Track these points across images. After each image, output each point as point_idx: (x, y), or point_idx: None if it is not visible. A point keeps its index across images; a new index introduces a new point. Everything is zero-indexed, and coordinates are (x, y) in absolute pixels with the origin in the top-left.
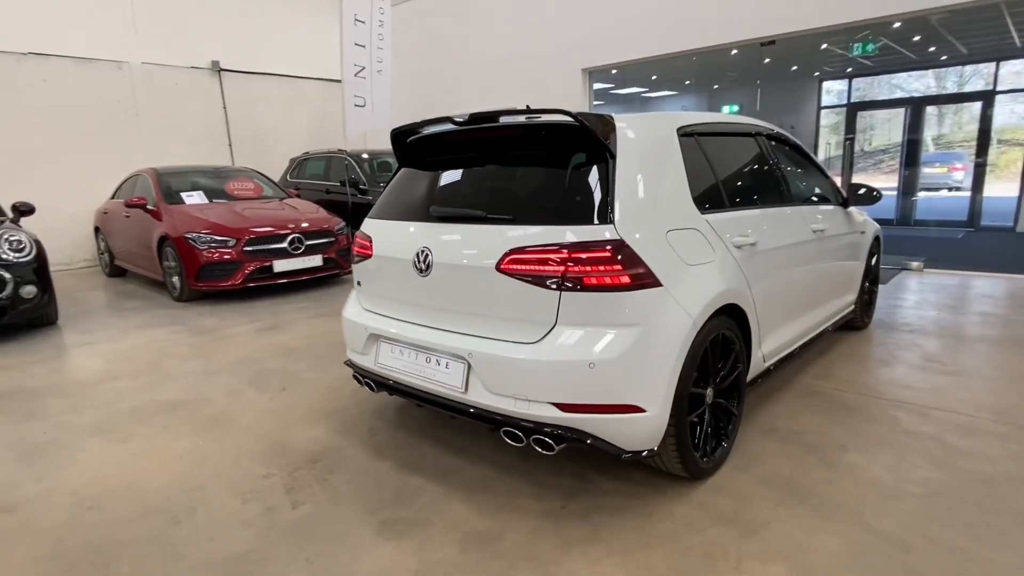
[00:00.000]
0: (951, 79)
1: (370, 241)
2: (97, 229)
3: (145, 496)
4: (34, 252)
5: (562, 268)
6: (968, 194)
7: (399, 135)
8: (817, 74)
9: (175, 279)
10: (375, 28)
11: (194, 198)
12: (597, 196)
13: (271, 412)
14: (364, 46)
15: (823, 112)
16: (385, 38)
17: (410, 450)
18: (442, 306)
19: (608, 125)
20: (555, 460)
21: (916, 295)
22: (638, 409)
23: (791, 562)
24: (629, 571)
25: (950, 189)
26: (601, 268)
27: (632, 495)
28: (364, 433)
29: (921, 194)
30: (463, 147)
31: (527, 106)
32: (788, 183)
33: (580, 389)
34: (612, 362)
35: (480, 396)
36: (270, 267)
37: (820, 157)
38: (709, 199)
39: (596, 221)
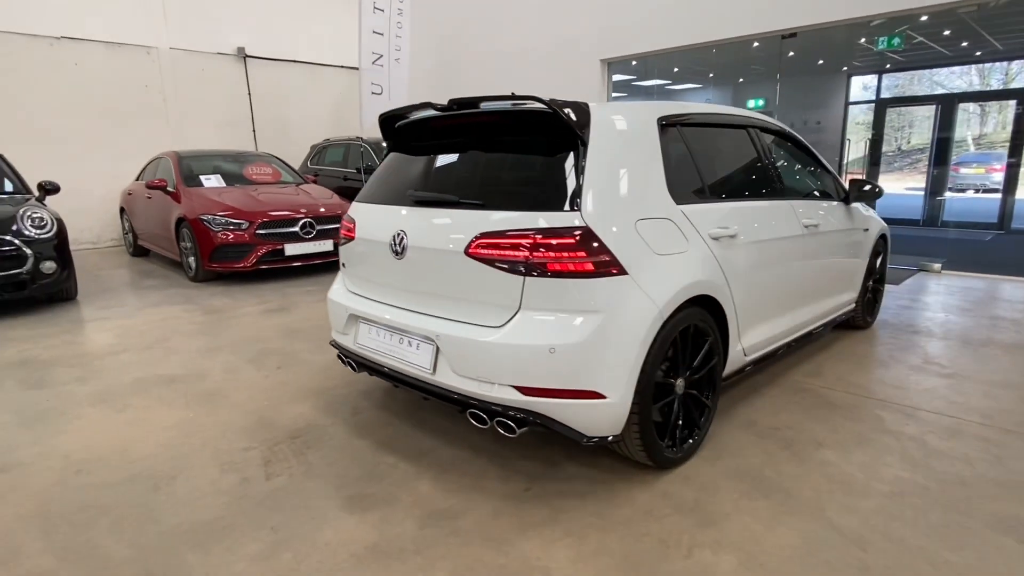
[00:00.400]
0: (996, 76)
1: (354, 224)
2: (122, 210)
3: (132, 463)
4: (55, 229)
5: (527, 254)
6: (999, 195)
7: (386, 120)
8: (845, 69)
9: (191, 260)
10: (394, 16)
11: (212, 181)
12: (566, 183)
13: (264, 389)
14: (382, 34)
15: (856, 109)
16: (404, 27)
17: (390, 429)
18: (415, 288)
19: (583, 114)
20: (527, 444)
21: (929, 296)
22: (598, 395)
23: (743, 553)
24: (581, 554)
25: (978, 190)
26: (565, 255)
27: (597, 481)
28: (348, 412)
29: (949, 195)
30: (445, 133)
31: (511, 93)
32: (780, 177)
33: (540, 373)
34: (572, 348)
35: (447, 378)
36: (281, 250)
37: (849, 155)
38: (688, 190)
39: (563, 208)
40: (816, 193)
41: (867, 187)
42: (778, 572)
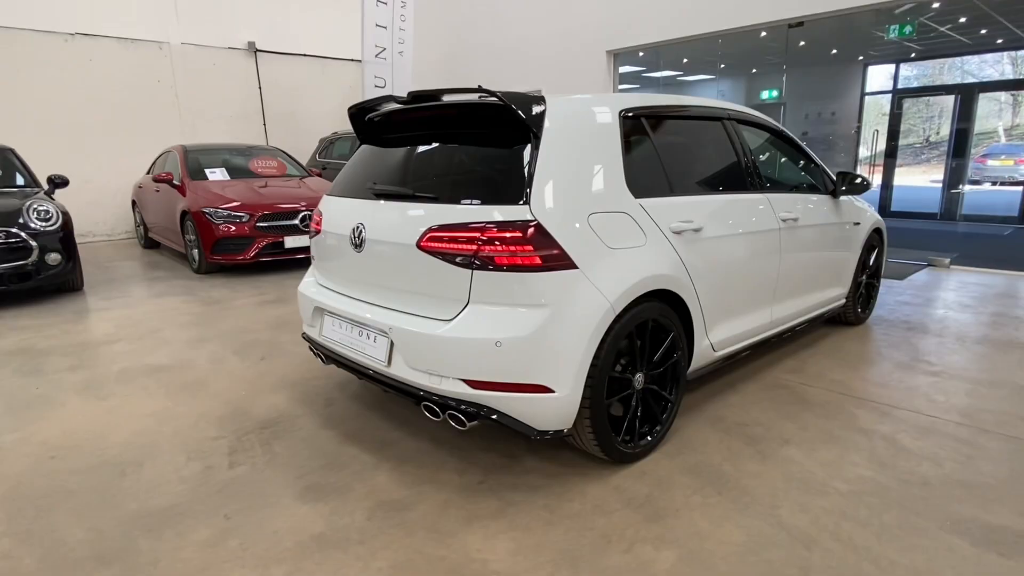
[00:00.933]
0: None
1: (321, 217)
2: (134, 203)
3: (104, 450)
4: (60, 222)
5: (474, 247)
6: (1021, 188)
7: (356, 113)
8: (861, 58)
9: (195, 252)
10: (397, 9)
11: (217, 174)
12: (517, 177)
13: (244, 380)
14: (386, 27)
15: (883, 100)
16: (407, 19)
17: (358, 421)
18: (373, 281)
19: (537, 107)
20: (490, 437)
21: (932, 292)
22: (546, 389)
23: (684, 550)
24: (521, 547)
25: (995, 183)
26: (512, 248)
27: (553, 475)
28: (321, 403)
29: (968, 187)
30: (409, 126)
31: (479, 86)
32: (756, 170)
33: (488, 367)
34: (518, 341)
35: (401, 370)
36: (281, 243)
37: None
38: (649, 183)
39: (512, 201)
40: (800, 186)
41: (860, 180)
42: (715, 569)
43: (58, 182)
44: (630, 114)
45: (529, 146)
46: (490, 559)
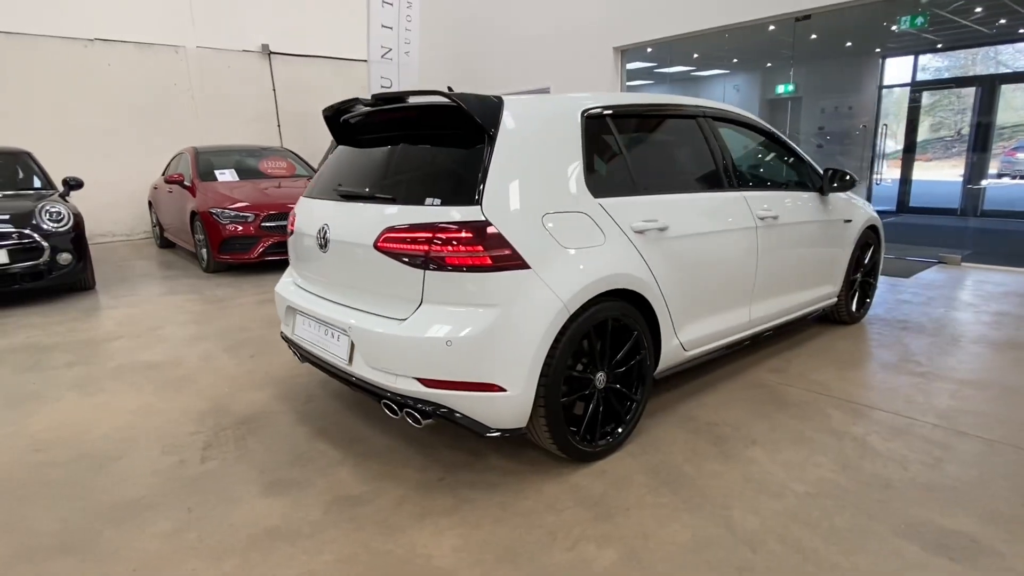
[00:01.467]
0: None
1: (295, 218)
2: (150, 203)
3: (85, 444)
4: (71, 223)
5: (426, 247)
6: None
7: (332, 115)
8: (878, 51)
9: (203, 251)
10: (403, 10)
11: (226, 176)
12: (471, 178)
13: (230, 377)
14: (391, 28)
15: (908, 93)
16: (413, 20)
17: (334, 417)
18: (336, 281)
19: (493, 108)
20: (456, 435)
21: (937, 290)
22: (497, 388)
23: (627, 549)
24: (468, 543)
25: (1014, 176)
26: (462, 249)
27: (513, 472)
28: (302, 400)
29: (990, 182)
30: (378, 128)
31: (448, 88)
32: (732, 168)
33: (439, 366)
34: (468, 341)
35: (361, 368)
36: (285, 243)
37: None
38: (612, 183)
39: (465, 202)
40: (786, 184)
41: (849, 177)
42: (654, 569)
43: (73, 184)
44: (594, 114)
45: (482, 147)
46: (434, 555)
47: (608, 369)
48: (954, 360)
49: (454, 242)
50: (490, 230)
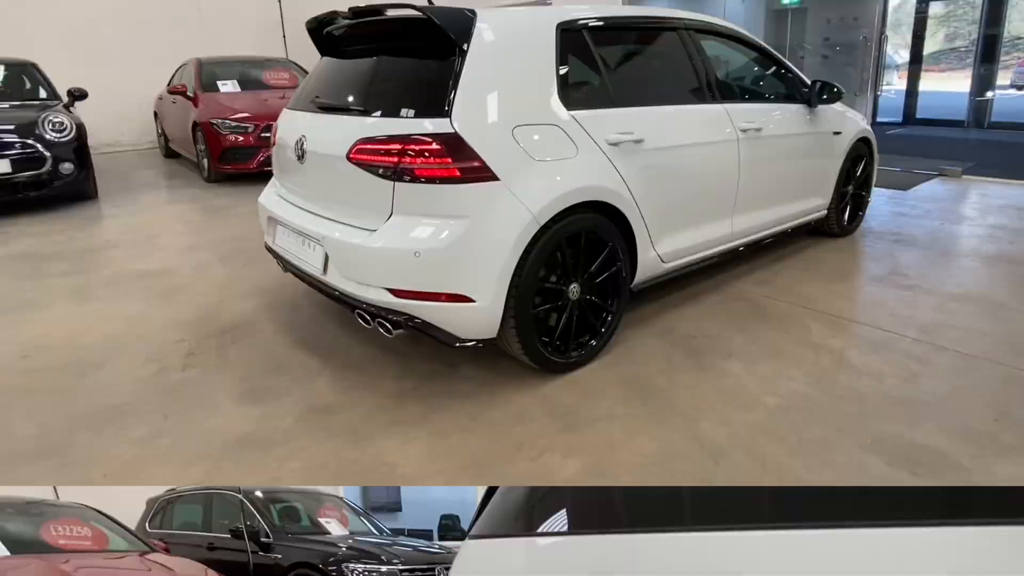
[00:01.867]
0: None
1: (277, 129)
2: (156, 114)
3: (72, 351)
4: (73, 133)
5: (396, 159)
6: None
7: (315, 27)
8: None
9: (204, 161)
10: None
11: (228, 87)
12: (442, 90)
13: (221, 286)
14: None
15: (914, 3)
16: None
17: (316, 327)
18: (312, 192)
19: (464, 21)
20: (434, 346)
21: (935, 203)
22: (466, 299)
23: (591, 459)
24: (433, 453)
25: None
26: (432, 160)
27: (485, 383)
28: (288, 309)
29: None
30: (359, 40)
31: (429, 1)
32: (714, 81)
33: (408, 276)
34: (437, 252)
35: (335, 278)
36: None
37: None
38: (587, 96)
39: (435, 115)
40: (773, 96)
41: (837, 89)
42: (616, 479)
43: (77, 95)
44: (570, 27)
45: (453, 60)
46: (399, 463)
47: (582, 281)
48: (942, 273)
49: (424, 154)
50: (459, 142)
